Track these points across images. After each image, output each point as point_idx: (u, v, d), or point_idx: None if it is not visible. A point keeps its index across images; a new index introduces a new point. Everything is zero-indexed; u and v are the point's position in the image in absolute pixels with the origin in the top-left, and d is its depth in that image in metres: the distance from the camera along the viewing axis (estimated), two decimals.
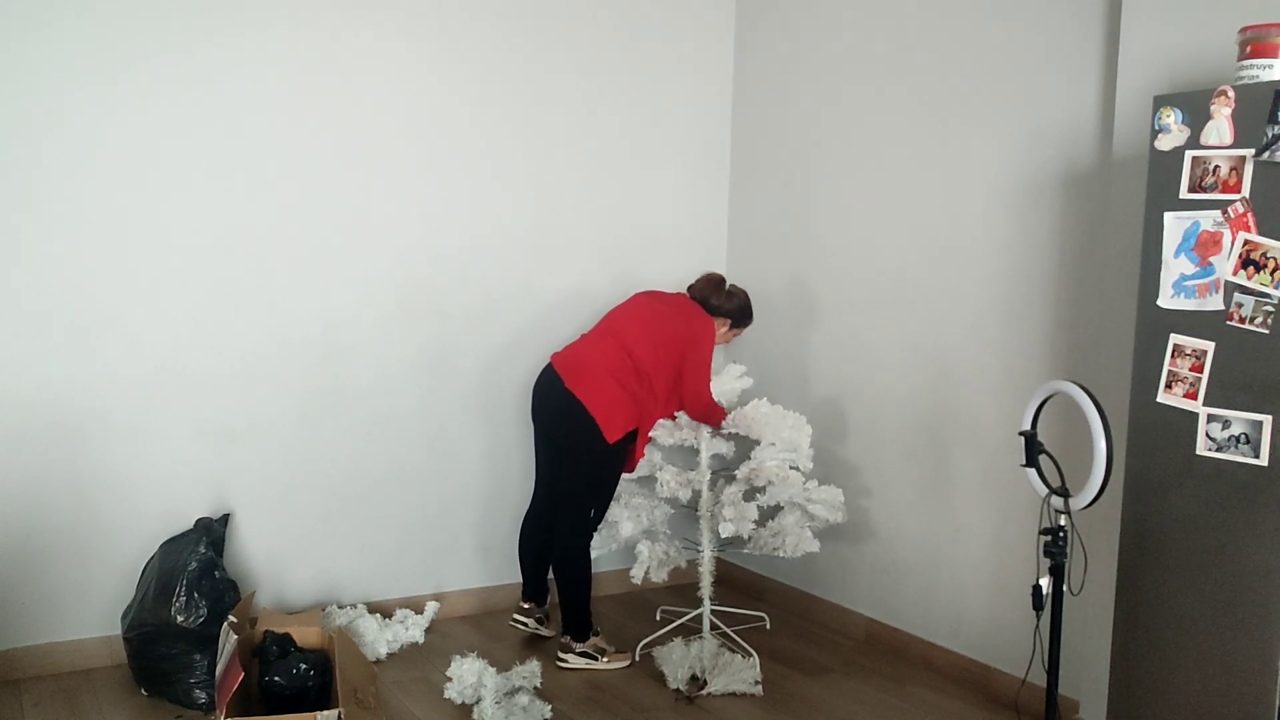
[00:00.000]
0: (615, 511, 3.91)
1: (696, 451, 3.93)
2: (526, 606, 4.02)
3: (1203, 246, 2.56)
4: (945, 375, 3.81)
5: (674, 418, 3.89)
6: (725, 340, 4.05)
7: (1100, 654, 3.14)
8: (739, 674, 3.64)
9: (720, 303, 3.93)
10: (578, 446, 3.72)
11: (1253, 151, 2.45)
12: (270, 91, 3.79)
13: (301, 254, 3.90)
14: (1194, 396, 2.58)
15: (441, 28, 4.09)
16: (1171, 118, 2.59)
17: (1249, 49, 2.50)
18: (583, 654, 3.80)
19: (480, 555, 4.36)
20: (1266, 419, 2.45)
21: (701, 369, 3.78)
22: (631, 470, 3.95)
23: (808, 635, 4.21)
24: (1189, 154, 2.57)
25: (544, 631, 4.05)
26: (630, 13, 4.50)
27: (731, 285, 3.98)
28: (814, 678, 3.78)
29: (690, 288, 3.98)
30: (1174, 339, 2.62)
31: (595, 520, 3.88)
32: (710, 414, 3.85)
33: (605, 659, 3.80)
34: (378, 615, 3.98)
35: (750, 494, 3.97)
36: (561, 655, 3.81)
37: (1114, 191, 3.10)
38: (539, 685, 3.58)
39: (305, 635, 3.23)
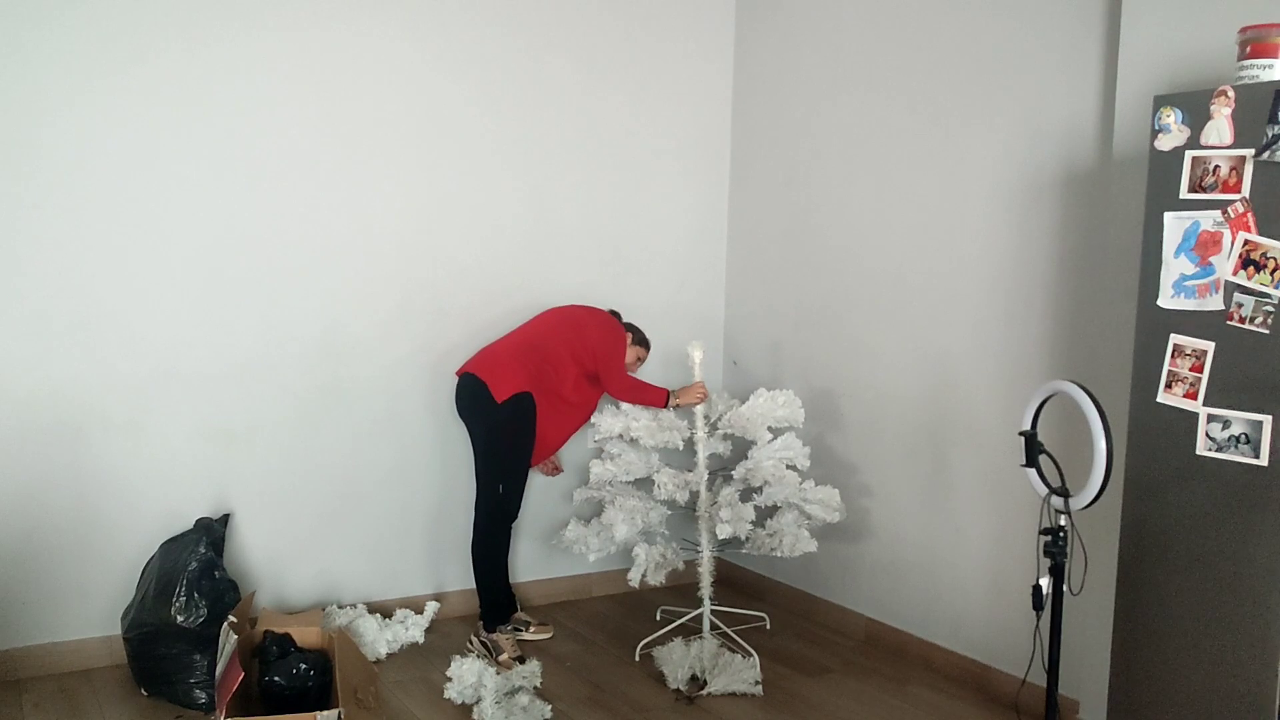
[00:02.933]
0: (610, 514, 3.91)
1: (694, 452, 3.93)
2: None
3: (1203, 246, 2.56)
4: (945, 375, 3.81)
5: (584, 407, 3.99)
6: (631, 357, 4.08)
7: (1100, 654, 3.14)
8: (739, 674, 3.64)
9: (632, 329, 4.11)
10: (477, 420, 3.87)
11: (1253, 151, 2.45)
12: (270, 91, 3.79)
13: (301, 253, 3.90)
14: (1194, 396, 2.58)
15: (442, 29, 4.09)
16: (1171, 118, 2.59)
17: (1249, 49, 2.50)
18: (483, 644, 3.86)
19: None
20: (1266, 419, 2.45)
21: (616, 368, 3.88)
22: (543, 455, 4.00)
23: (808, 635, 4.21)
24: (1189, 154, 2.57)
25: (539, 635, 4.07)
26: (631, 13, 4.50)
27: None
28: (814, 678, 3.77)
29: (623, 321, 4.14)
30: (1174, 339, 2.62)
31: (507, 502, 3.90)
32: (642, 394, 3.89)
33: (500, 657, 3.81)
34: (378, 615, 3.98)
35: (747, 494, 3.97)
36: (471, 638, 3.91)
37: (1114, 191, 3.10)
38: (539, 685, 3.58)
39: (305, 635, 3.23)
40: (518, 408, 3.78)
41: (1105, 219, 3.22)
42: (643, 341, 4.14)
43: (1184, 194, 2.59)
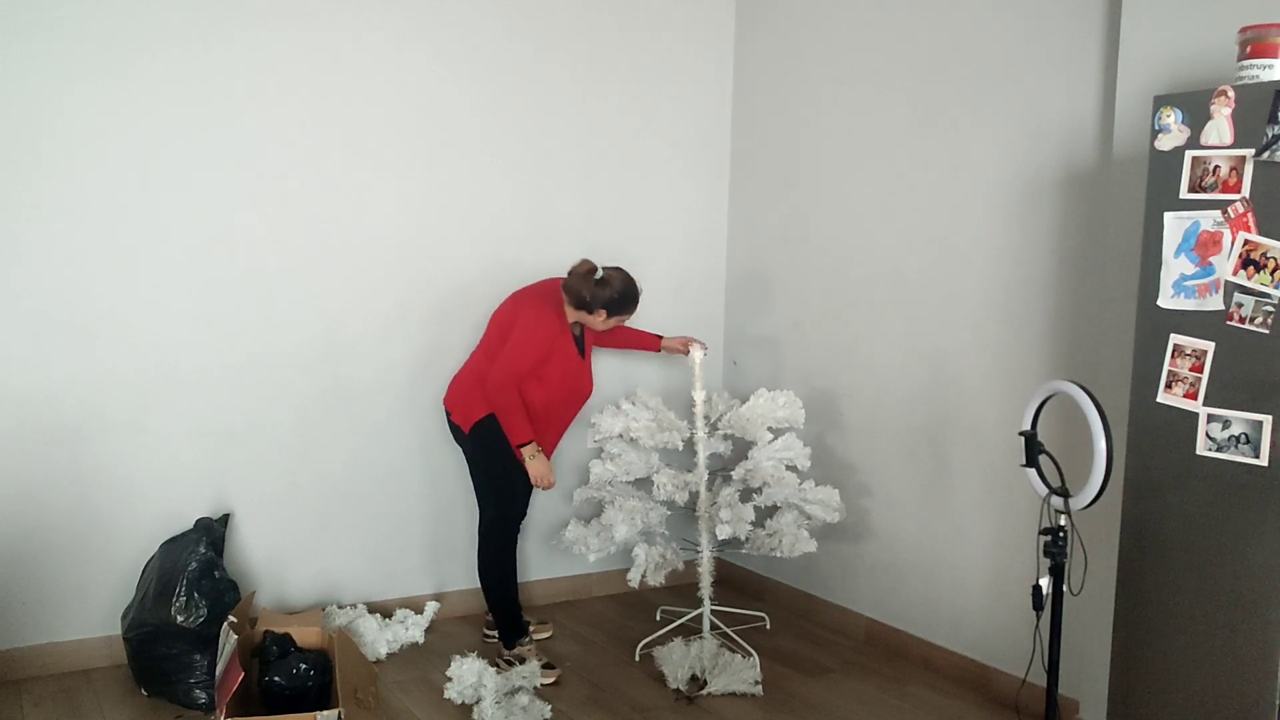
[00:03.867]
0: (610, 514, 3.91)
1: (694, 452, 3.93)
2: (488, 618, 4.03)
3: (1203, 246, 2.56)
4: (945, 375, 3.81)
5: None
6: (606, 327, 3.78)
7: (1100, 654, 3.14)
8: (739, 674, 3.64)
9: (592, 294, 3.64)
10: (461, 448, 3.89)
11: (1253, 151, 2.45)
12: (270, 91, 3.79)
13: (301, 253, 3.90)
14: (1194, 396, 2.58)
15: (443, 29, 4.09)
16: (1171, 118, 2.59)
17: (1249, 49, 2.51)
18: (508, 661, 3.78)
19: None
20: (1266, 419, 2.45)
21: (511, 351, 3.62)
22: (550, 445, 3.87)
23: (808, 635, 4.21)
24: (1189, 154, 2.57)
25: (538, 634, 4.07)
26: (630, 13, 4.50)
27: (606, 272, 3.68)
28: (814, 678, 3.77)
29: (565, 279, 3.71)
30: (1174, 339, 2.62)
31: (509, 508, 3.86)
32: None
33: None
34: (378, 615, 3.98)
35: (747, 494, 3.97)
36: (496, 660, 3.80)
37: (1114, 191, 3.10)
38: (539, 685, 3.58)
39: (305, 635, 3.23)
40: (485, 432, 3.74)
41: (1105, 219, 3.22)
42: (623, 303, 3.69)
43: (1184, 194, 2.59)
